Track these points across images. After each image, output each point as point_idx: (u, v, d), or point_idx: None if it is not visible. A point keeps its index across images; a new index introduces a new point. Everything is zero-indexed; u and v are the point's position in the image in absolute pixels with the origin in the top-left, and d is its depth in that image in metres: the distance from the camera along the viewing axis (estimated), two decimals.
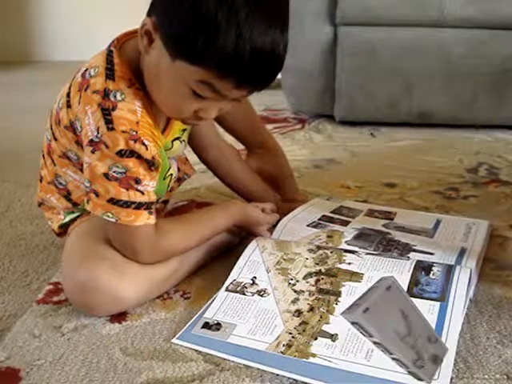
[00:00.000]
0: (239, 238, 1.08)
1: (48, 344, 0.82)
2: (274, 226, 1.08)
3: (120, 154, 0.83)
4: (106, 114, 0.83)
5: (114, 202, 0.85)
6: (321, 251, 0.95)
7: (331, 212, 1.16)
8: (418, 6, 1.87)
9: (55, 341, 0.83)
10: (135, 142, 0.83)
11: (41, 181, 1.03)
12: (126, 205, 0.85)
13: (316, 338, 0.78)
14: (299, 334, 0.79)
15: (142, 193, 0.86)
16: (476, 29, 1.88)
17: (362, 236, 1.05)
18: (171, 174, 1.01)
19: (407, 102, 1.95)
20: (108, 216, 0.86)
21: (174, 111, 0.88)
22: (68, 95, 0.91)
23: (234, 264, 0.94)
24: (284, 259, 0.94)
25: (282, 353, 0.77)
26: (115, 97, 0.84)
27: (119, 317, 0.88)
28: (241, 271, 0.93)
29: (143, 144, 0.84)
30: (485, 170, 1.56)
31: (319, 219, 1.11)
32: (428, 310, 0.81)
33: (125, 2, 3.49)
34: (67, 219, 1.01)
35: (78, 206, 0.99)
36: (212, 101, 0.84)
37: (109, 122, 0.83)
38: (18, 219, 1.27)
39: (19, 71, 3.30)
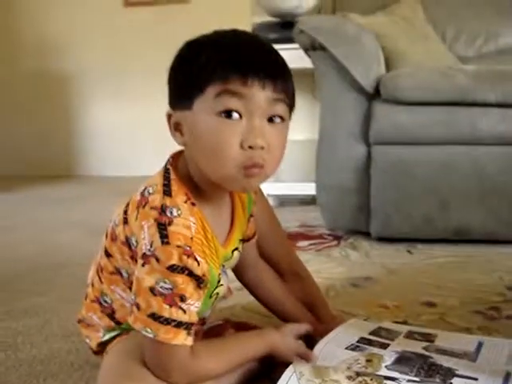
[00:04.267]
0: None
1: None
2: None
3: (172, 268, 0.84)
4: (162, 228, 0.85)
5: (154, 317, 0.85)
6: (360, 378, 0.92)
7: (369, 334, 1.13)
8: (449, 124, 1.91)
9: None
10: (188, 257, 0.84)
11: (85, 298, 1.04)
12: (167, 322, 0.85)
13: None
14: None
15: (184, 312, 0.86)
16: (509, 145, 1.90)
17: (403, 360, 1.01)
18: (217, 293, 1.00)
19: (443, 218, 1.95)
20: (147, 331, 0.85)
21: (223, 157, 0.85)
22: (125, 212, 0.94)
23: None
24: None
25: None
26: (171, 213, 0.86)
27: None
28: None
29: (195, 260, 0.85)
30: None
31: (357, 342, 1.09)
32: None
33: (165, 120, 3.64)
34: (106, 337, 1.00)
35: (121, 325, 0.99)
36: (246, 119, 0.85)
37: (164, 236, 0.84)
38: (53, 335, 1.28)
39: (60, 185, 3.42)
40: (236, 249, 1.02)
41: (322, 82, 2.12)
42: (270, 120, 0.87)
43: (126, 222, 0.93)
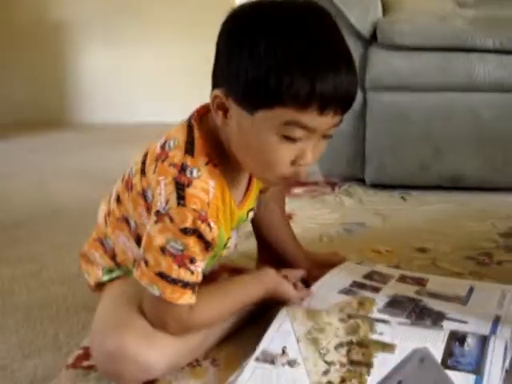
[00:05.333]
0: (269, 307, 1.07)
1: None
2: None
3: (184, 231, 0.83)
4: (180, 188, 0.84)
5: (162, 276, 0.85)
6: (352, 320, 0.93)
7: (362, 277, 1.15)
8: (446, 70, 1.89)
9: None
10: (202, 222, 0.84)
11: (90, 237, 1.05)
12: (174, 282, 0.85)
13: None
14: None
15: (192, 273, 0.86)
16: (506, 92, 1.89)
17: (394, 303, 1.03)
18: (221, 255, 1.01)
19: (438, 165, 1.94)
20: (153, 288, 0.86)
21: (272, 170, 0.86)
22: (143, 163, 0.92)
23: (263, 334, 0.93)
24: (315, 329, 0.92)
25: None
26: (191, 173, 0.85)
27: (149, 383, 0.87)
28: (271, 341, 0.91)
29: (208, 225, 0.84)
30: None
31: (350, 285, 1.10)
32: (463, 382, 0.79)
33: (160, 66, 3.59)
34: (106, 278, 1.01)
35: (122, 268, 1.00)
36: (304, 141, 0.83)
37: (181, 197, 0.83)
38: (49, 281, 1.29)
39: (54, 133, 3.39)
40: (251, 209, 1.02)
41: None
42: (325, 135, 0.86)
43: (143, 173, 0.91)
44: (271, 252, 1.19)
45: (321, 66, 0.78)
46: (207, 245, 0.86)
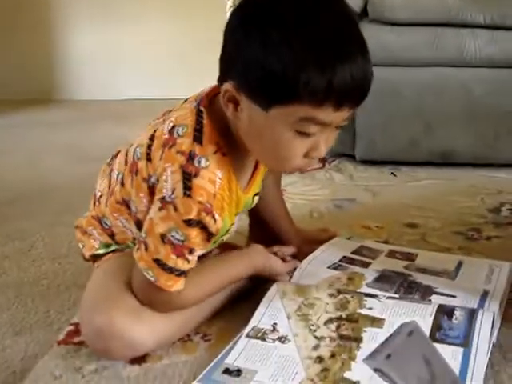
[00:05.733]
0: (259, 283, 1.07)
1: None
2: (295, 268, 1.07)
3: (188, 222, 0.83)
4: (187, 178, 0.83)
5: (159, 263, 0.85)
6: (341, 296, 0.94)
7: (352, 253, 1.16)
8: (437, 45, 1.88)
9: (75, 382, 0.83)
10: (207, 214, 0.84)
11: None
12: (170, 270, 0.85)
13: None
14: (321, 381, 0.78)
15: (189, 262, 0.86)
16: (496, 68, 1.89)
17: (383, 278, 1.04)
18: (222, 239, 1.00)
19: (428, 141, 1.95)
20: (148, 273, 0.86)
21: (285, 163, 0.86)
22: (149, 147, 0.90)
23: (255, 309, 0.94)
24: (304, 305, 0.93)
25: None
26: (199, 162, 0.84)
27: (139, 359, 0.88)
28: (261, 317, 0.92)
29: (213, 217, 0.84)
30: (507, 209, 1.55)
31: (340, 260, 1.11)
32: (451, 355, 0.80)
33: (147, 43, 3.56)
34: (101, 251, 1.00)
35: (120, 244, 0.99)
36: (318, 135, 0.82)
37: (187, 187, 0.82)
38: (40, 258, 1.29)
39: (42, 109, 3.37)
40: (257, 194, 1.02)
41: None
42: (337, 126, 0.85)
43: (149, 158, 0.89)
44: (264, 228, 1.19)
45: (337, 60, 0.76)
46: (209, 235, 0.86)
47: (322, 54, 0.76)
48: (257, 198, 1.02)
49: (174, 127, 0.88)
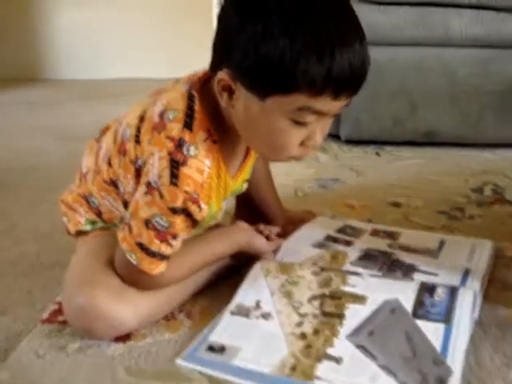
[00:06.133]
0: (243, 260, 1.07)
1: (52, 364, 0.82)
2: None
3: (173, 210, 0.83)
4: (174, 166, 0.81)
5: (142, 247, 0.85)
6: (325, 273, 0.95)
7: (336, 231, 1.16)
8: (422, 25, 1.88)
9: (60, 361, 0.83)
10: (193, 203, 0.83)
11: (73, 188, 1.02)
12: (153, 255, 0.85)
13: (321, 361, 0.78)
14: (304, 357, 0.79)
15: (172, 247, 0.86)
16: (481, 48, 1.89)
17: (367, 257, 1.05)
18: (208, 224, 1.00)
19: (412, 121, 1.95)
20: (131, 257, 0.86)
21: (281, 152, 0.85)
22: (138, 129, 0.88)
23: (239, 286, 0.94)
24: (288, 282, 0.94)
25: (286, 375, 0.76)
26: (188, 151, 0.82)
27: (124, 337, 0.88)
28: (245, 295, 0.92)
29: (199, 206, 0.84)
30: (490, 189, 1.56)
31: (324, 239, 1.11)
32: (433, 332, 0.81)
33: (133, 23, 3.52)
34: (87, 228, 0.99)
35: (107, 223, 0.99)
36: (314, 124, 0.81)
37: (174, 176, 0.81)
38: (22, 238, 1.28)
39: (25, 89, 3.33)
40: (247, 180, 1.01)
41: None
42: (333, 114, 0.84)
43: (137, 141, 0.88)
44: (251, 207, 1.19)
45: (335, 48, 0.74)
46: (194, 222, 0.86)
47: (320, 42, 0.74)
48: (246, 184, 1.02)
49: (164, 111, 0.86)
